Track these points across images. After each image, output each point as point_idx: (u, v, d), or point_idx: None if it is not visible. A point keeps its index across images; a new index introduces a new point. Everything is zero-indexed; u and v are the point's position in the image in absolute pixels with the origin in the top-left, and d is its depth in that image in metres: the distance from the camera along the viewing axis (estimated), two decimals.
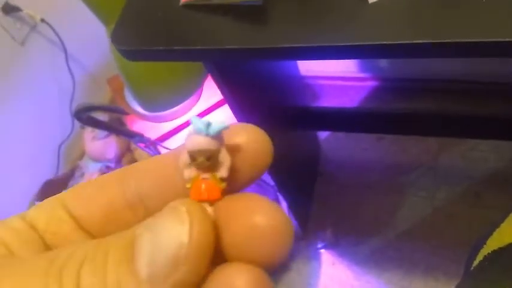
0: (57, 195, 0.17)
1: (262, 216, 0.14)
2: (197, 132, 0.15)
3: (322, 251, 1.22)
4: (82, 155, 1.25)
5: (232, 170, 0.16)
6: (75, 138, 1.30)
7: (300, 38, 0.50)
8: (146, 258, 0.13)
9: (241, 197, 0.16)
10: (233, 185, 0.17)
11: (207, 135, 0.15)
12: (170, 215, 0.14)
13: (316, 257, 1.22)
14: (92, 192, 0.17)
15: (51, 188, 1.21)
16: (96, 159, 1.15)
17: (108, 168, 1.11)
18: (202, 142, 0.15)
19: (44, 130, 1.26)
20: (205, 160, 0.16)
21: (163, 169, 0.17)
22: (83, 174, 1.18)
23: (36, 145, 1.24)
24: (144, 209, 0.16)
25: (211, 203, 0.16)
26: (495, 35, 0.42)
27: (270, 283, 0.14)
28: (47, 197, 0.17)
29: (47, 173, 1.26)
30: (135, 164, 0.17)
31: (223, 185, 0.16)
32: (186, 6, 0.56)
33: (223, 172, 0.16)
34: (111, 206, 0.16)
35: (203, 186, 0.16)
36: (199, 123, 0.16)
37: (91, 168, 1.15)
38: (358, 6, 0.48)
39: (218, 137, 0.16)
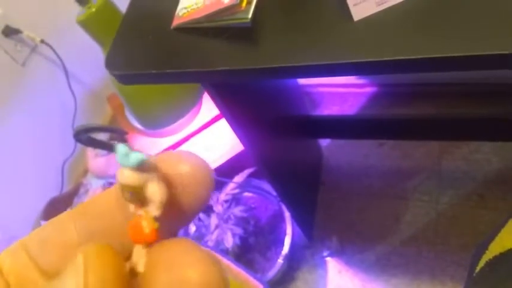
0: (21, 238, 0.17)
1: (193, 272, 0.13)
2: (121, 164, 0.14)
3: (328, 259, 1.22)
4: (86, 172, 1.26)
5: (175, 203, 0.15)
6: (78, 156, 1.32)
7: (289, 58, 0.50)
8: None
9: (173, 246, 0.14)
10: (176, 221, 0.16)
11: (131, 168, 0.14)
12: (69, 267, 0.13)
13: (322, 265, 1.21)
14: (49, 234, 0.17)
15: (56, 206, 1.22)
16: (99, 176, 1.16)
17: (111, 185, 1.12)
18: (122, 176, 0.14)
19: (48, 148, 1.27)
20: (128, 196, 0.14)
21: (108, 205, 0.16)
22: (87, 191, 1.19)
23: (40, 163, 1.26)
24: None
25: (143, 245, 0.14)
26: (480, 50, 0.43)
27: None
28: (52, 215, 0.17)
29: (51, 190, 1.28)
30: (89, 200, 0.17)
31: (156, 225, 0.14)
32: (177, 29, 0.57)
33: (153, 210, 0.14)
34: (66, 247, 0.16)
35: (133, 225, 0.14)
36: (121, 152, 0.14)
37: (94, 185, 1.16)
38: (344, 24, 0.49)
39: (143, 169, 0.14)
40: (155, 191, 0.14)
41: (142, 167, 0.14)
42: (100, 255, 0.13)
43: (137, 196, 0.14)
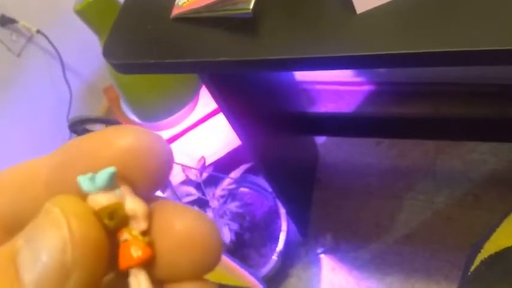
0: None
1: (182, 223, 0.14)
2: (88, 191, 0.13)
3: (322, 256, 1.21)
4: None
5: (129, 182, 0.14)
6: None
7: (291, 49, 0.50)
8: (32, 275, 0.12)
9: (163, 208, 0.14)
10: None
11: (99, 190, 0.13)
12: (46, 221, 0.12)
13: (316, 262, 1.21)
14: None
15: None
16: None
17: None
18: (96, 202, 0.13)
19: (42, 140, 1.26)
20: (109, 221, 0.13)
21: (23, 183, 0.15)
22: None
23: (34, 154, 1.24)
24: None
25: (140, 265, 0.13)
26: (483, 44, 0.42)
27: None
28: None
29: None
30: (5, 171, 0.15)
31: (145, 239, 0.13)
32: (177, 19, 0.56)
33: (139, 225, 0.13)
34: None
35: (124, 253, 0.13)
36: (83, 180, 0.13)
37: None
38: (347, 17, 0.48)
39: (114, 184, 0.13)
40: (135, 204, 0.13)
41: (114, 181, 0.13)
42: (76, 204, 0.13)
43: (117, 217, 0.13)
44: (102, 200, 0.13)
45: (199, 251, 0.14)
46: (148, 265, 0.13)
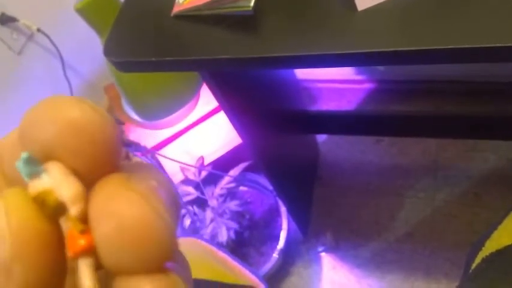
0: None
1: (127, 215, 0.12)
2: (26, 180, 0.12)
3: (323, 254, 1.21)
4: None
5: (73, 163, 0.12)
6: None
7: (291, 47, 0.50)
8: None
9: (103, 196, 0.13)
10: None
11: (27, 178, 0.12)
12: None
13: (317, 261, 1.21)
14: None
15: None
16: None
17: None
18: (30, 189, 0.12)
19: None
20: (44, 209, 0.12)
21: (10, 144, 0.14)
22: None
23: None
24: None
25: (79, 254, 0.12)
26: (485, 41, 0.42)
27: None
28: None
29: None
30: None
31: (79, 227, 0.12)
32: (177, 16, 0.56)
33: (70, 211, 0.12)
34: None
35: (68, 243, 0.12)
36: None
37: None
38: (348, 14, 0.48)
39: (36, 171, 0.12)
40: (64, 188, 0.12)
41: (34, 167, 0.12)
42: (16, 195, 0.12)
43: (49, 204, 0.12)
44: (35, 187, 0.12)
45: (141, 240, 0.12)
46: (93, 254, 0.12)
